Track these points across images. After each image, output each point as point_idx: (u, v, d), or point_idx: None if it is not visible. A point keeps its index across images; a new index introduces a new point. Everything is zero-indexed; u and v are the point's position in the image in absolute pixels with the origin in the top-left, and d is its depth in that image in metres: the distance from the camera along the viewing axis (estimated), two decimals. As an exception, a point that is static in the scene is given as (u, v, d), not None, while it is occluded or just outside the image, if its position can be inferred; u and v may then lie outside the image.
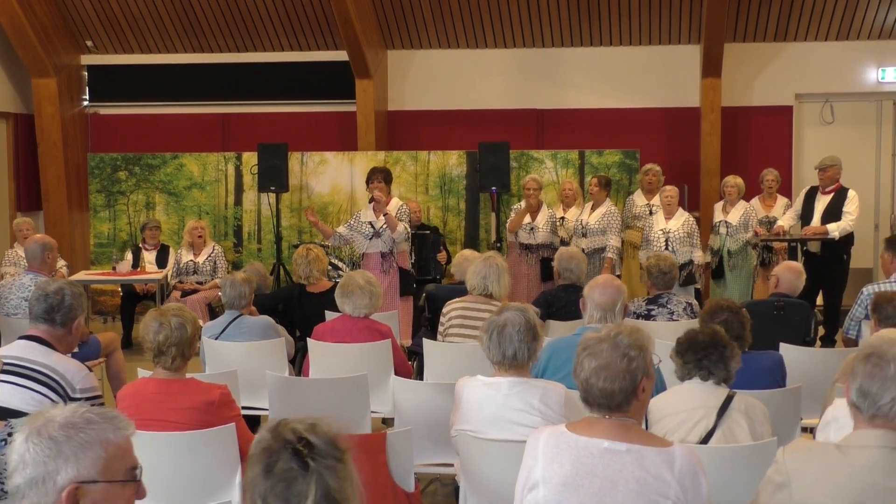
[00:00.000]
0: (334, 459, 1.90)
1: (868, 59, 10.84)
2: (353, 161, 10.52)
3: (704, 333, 3.70)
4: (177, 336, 3.74)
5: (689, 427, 3.46)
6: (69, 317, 4.09)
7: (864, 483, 2.43)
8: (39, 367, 3.85)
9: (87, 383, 3.95)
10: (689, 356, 3.64)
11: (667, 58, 11.03)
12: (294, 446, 1.88)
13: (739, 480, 3.27)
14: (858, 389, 2.49)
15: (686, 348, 3.66)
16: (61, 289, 4.10)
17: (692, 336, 3.70)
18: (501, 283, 5.45)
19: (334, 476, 1.89)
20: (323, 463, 1.88)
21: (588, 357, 2.68)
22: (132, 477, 2.02)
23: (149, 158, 10.83)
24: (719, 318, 4.34)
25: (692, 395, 3.57)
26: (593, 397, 2.66)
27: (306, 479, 1.86)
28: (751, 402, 3.56)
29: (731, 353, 3.64)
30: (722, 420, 3.44)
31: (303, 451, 1.87)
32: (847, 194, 8.46)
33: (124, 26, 11.33)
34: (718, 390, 3.56)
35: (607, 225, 8.74)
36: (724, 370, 3.60)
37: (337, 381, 4.72)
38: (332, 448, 1.91)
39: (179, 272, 9.39)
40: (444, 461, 4.34)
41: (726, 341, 3.67)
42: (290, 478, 1.87)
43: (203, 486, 3.76)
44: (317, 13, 11.01)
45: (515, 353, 3.58)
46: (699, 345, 3.63)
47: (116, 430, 2.00)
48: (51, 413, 1.98)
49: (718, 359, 3.60)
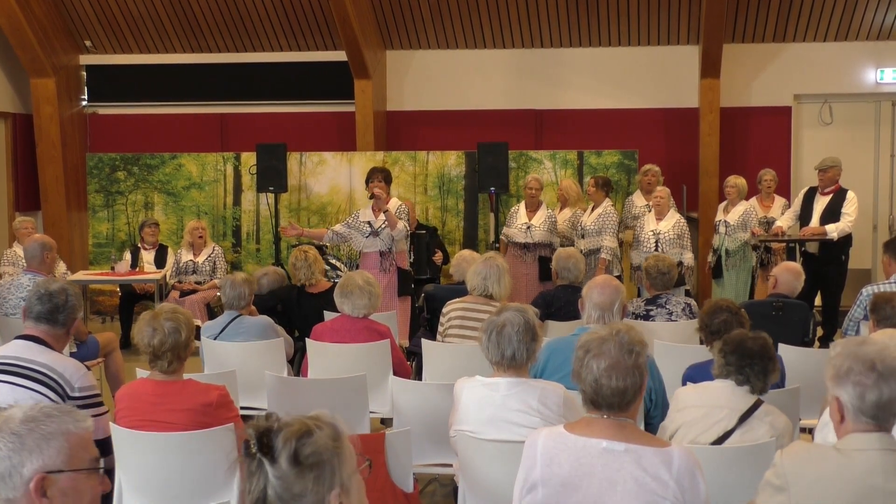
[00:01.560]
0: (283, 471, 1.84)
1: (866, 60, 10.85)
2: (352, 161, 10.52)
3: (755, 341, 3.61)
4: (171, 340, 3.73)
5: (709, 423, 3.44)
6: (71, 317, 4.09)
7: (863, 486, 2.43)
8: (38, 367, 3.84)
9: (85, 382, 3.93)
10: (733, 358, 3.57)
11: (665, 58, 11.04)
12: (249, 442, 1.87)
13: (740, 482, 3.27)
14: (877, 403, 2.45)
15: (732, 349, 3.59)
16: (64, 289, 4.09)
17: (742, 339, 3.63)
18: (502, 284, 5.45)
19: (279, 486, 1.84)
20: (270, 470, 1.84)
21: (595, 358, 2.66)
22: (95, 467, 2.06)
23: (147, 158, 10.83)
24: (719, 318, 4.34)
25: (720, 393, 3.53)
26: (604, 398, 2.64)
27: (253, 477, 1.86)
28: (777, 412, 3.52)
29: (773, 367, 3.58)
30: (742, 425, 3.41)
31: (252, 449, 1.85)
32: (846, 195, 8.46)
33: (123, 26, 11.33)
34: (748, 396, 3.51)
35: (602, 226, 8.73)
36: (762, 381, 3.54)
37: (335, 382, 4.72)
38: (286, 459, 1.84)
39: (179, 272, 9.38)
40: (442, 461, 4.34)
41: (772, 354, 3.61)
42: (248, 469, 1.87)
43: (201, 487, 3.76)
44: (315, 13, 11.00)
45: (514, 353, 3.57)
46: (747, 351, 3.56)
47: (76, 423, 2.05)
48: (9, 412, 2.03)
49: (761, 371, 3.54)
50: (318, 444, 1.87)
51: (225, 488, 3.77)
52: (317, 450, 1.87)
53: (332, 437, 1.90)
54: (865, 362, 2.48)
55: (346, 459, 1.92)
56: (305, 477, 1.85)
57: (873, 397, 2.46)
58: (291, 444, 1.85)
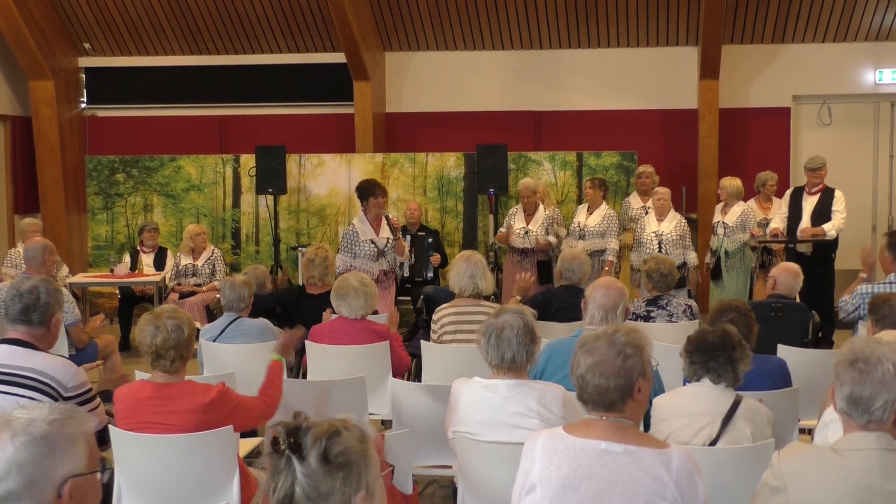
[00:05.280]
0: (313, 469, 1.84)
1: (865, 61, 10.85)
2: (351, 163, 10.52)
3: (714, 333, 3.60)
4: (174, 338, 3.71)
5: (693, 432, 3.43)
6: (46, 314, 3.96)
7: (861, 486, 2.43)
8: (25, 372, 3.75)
9: (77, 380, 3.87)
10: (697, 356, 3.56)
11: (664, 59, 11.04)
12: (278, 439, 1.86)
13: (738, 482, 3.27)
14: (849, 397, 2.47)
15: (694, 348, 3.58)
16: (35, 287, 3.98)
17: (702, 336, 3.62)
18: (487, 278, 5.50)
19: (307, 485, 1.83)
20: (299, 468, 1.84)
21: (584, 354, 2.67)
22: (105, 467, 2.05)
23: (146, 160, 10.83)
24: (726, 317, 4.32)
25: (697, 399, 3.50)
26: (588, 394, 2.66)
27: (279, 475, 1.85)
28: (754, 406, 3.51)
29: (740, 355, 3.54)
30: (726, 429, 3.40)
31: (281, 446, 1.85)
32: (834, 194, 8.52)
33: (122, 29, 11.33)
34: (725, 395, 3.48)
35: (607, 227, 8.74)
36: (731, 372, 3.51)
37: (334, 384, 4.72)
38: (316, 457, 1.84)
39: (178, 274, 9.38)
40: (442, 463, 4.33)
41: (736, 342, 3.57)
42: (274, 467, 1.86)
43: (202, 489, 3.75)
44: (314, 15, 11.01)
45: (514, 356, 3.57)
46: (708, 346, 3.54)
47: (86, 423, 2.00)
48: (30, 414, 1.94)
49: (726, 361, 3.51)
50: (347, 444, 1.87)
51: (225, 490, 3.77)
52: (345, 450, 1.87)
53: (360, 440, 1.90)
54: (851, 356, 2.50)
55: (372, 463, 1.91)
56: (334, 476, 1.85)
57: (846, 391, 2.48)
58: (322, 443, 1.85)
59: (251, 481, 3.90)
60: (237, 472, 3.77)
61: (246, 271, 6.90)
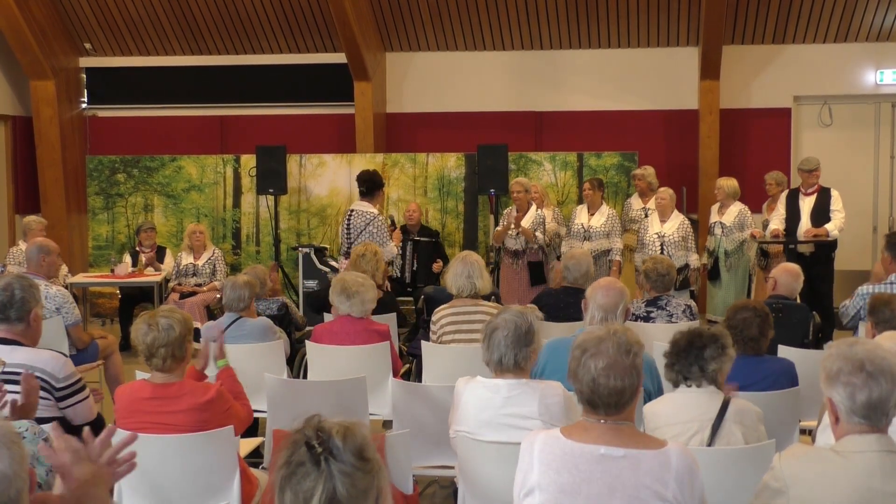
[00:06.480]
0: (352, 467, 1.83)
1: (866, 62, 10.85)
2: (352, 163, 10.51)
3: (684, 336, 3.53)
4: (164, 337, 3.70)
5: (685, 441, 3.37)
6: (24, 310, 4.01)
7: (862, 487, 2.43)
8: (13, 369, 3.76)
9: (67, 370, 3.92)
10: (672, 360, 3.52)
11: (665, 60, 11.04)
12: (311, 442, 1.84)
13: (737, 483, 3.27)
14: (867, 403, 2.44)
15: (668, 352, 3.55)
16: (9, 284, 4.02)
17: (675, 340, 3.55)
18: (484, 278, 5.49)
19: (347, 483, 1.83)
20: (337, 466, 1.83)
21: (592, 358, 2.64)
22: None
23: (147, 161, 10.83)
24: (742, 315, 4.29)
25: (687, 406, 3.45)
26: (601, 398, 2.63)
27: (316, 478, 1.83)
28: (743, 406, 3.46)
29: (716, 353, 3.43)
30: (718, 434, 3.35)
31: (317, 448, 1.83)
32: (831, 194, 8.52)
33: (122, 29, 11.33)
34: (713, 399, 3.42)
35: (612, 228, 8.74)
36: (702, 370, 3.42)
37: (335, 384, 4.72)
38: (352, 455, 1.84)
39: (179, 274, 9.39)
40: (442, 463, 4.34)
41: (707, 340, 3.46)
42: (303, 472, 1.83)
43: (202, 489, 3.75)
44: (315, 15, 11.01)
45: (501, 358, 3.56)
46: (678, 349, 3.49)
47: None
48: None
49: (696, 359, 3.43)
50: (370, 442, 1.89)
51: (226, 490, 3.77)
52: (371, 447, 1.88)
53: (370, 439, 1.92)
54: (855, 362, 2.47)
55: (383, 466, 1.92)
56: (369, 472, 1.85)
57: (863, 397, 2.46)
58: (354, 441, 1.85)
59: (252, 481, 3.90)
60: (238, 471, 3.77)
61: (246, 271, 6.89)
